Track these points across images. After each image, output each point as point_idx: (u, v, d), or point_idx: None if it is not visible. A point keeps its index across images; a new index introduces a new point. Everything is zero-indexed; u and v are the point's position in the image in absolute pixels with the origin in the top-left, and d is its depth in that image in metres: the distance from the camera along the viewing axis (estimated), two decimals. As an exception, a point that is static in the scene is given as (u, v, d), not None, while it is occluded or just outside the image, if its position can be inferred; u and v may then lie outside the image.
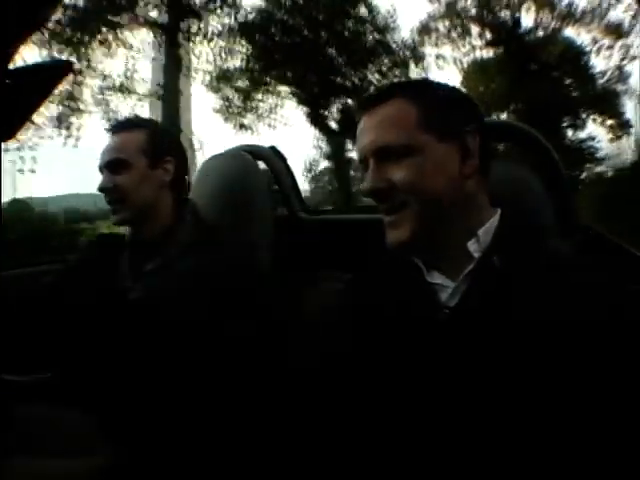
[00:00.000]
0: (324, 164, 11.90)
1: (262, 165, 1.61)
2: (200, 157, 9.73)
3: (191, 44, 9.19)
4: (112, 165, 1.12)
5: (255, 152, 1.55)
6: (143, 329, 1.04)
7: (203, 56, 9.53)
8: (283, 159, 1.74)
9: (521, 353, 0.66)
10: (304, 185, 11.54)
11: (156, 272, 1.06)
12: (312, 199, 10.99)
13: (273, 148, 1.75)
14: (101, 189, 1.12)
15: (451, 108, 0.77)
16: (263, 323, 1.06)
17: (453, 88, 0.82)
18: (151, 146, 1.14)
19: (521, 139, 1.18)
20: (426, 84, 0.82)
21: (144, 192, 1.12)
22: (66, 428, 1.10)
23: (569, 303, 0.67)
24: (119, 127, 1.17)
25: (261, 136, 10.48)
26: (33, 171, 8.24)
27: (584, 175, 10.44)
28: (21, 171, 8.01)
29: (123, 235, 1.21)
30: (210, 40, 9.28)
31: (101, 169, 1.14)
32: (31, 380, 1.29)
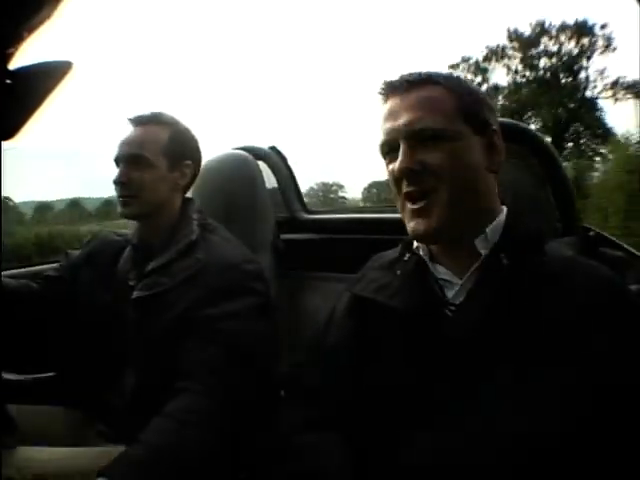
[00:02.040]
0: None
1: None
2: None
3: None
4: (131, 160, 1.10)
5: (255, 152, 1.55)
6: (146, 327, 1.03)
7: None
8: (283, 159, 1.74)
9: (526, 353, 0.66)
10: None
11: (159, 271, 1.06)
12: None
13: (273, 148, 1.75)
14: (116, 182, 1.10)
15: (482, 105, 0.78)
16: (264, 319, 1.06)
17: (477, 87, 0.82)
18: (172, 147, 1.13)
19: (523, 139, 1.18)
20: (459, 77, 0.81)
21: (158, 192, 1.11)
22: (66, 427, 1.10)
23: (574, 303, 0.67)
24: (142, 120, 1.14)
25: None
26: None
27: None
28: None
29: (125, 233, 1.21)
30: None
31: (117, 161, 1.12)
32: (31, 380, 1.29)
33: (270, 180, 1.65)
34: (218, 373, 0.95)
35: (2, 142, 0.50)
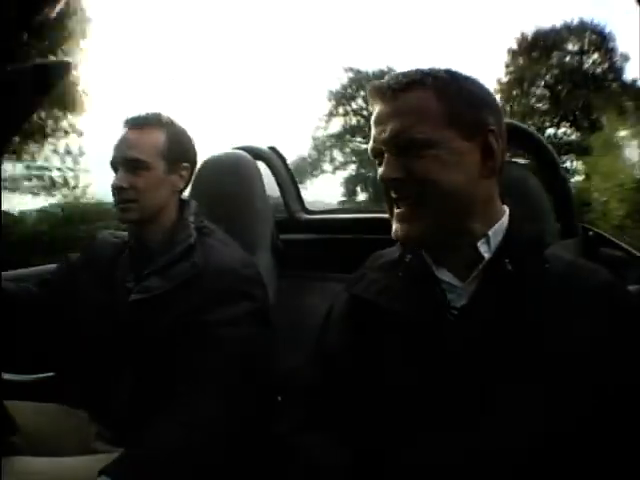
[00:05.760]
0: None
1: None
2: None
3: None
4: (129, 164, 1.08)
5: (255, 152, 1.55)
6: (144, 330, 1.03)
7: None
8: (283, 159, 1.74)
9: (528, 356, 0.66)
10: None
11: (158, 273, 1.06)
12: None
13: (273, 148, 1.75)
14: (115, 187, 1.09)
15: (476, 104, 0.74)
16: (262, 323, 1.06)
17: (479, 83, 0.76)
18: (170, 150, 1.12)
19: (522, 140, 1.18)
20: (452, 75, 0.75)
21: (157, 196, 1.10)
22: (66, 428, 1.10)
23: (575, 307, 0.67)
24: (139, 122, 1.12)
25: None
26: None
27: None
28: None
29: (124, 235, 1.20)
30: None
31: (115, 165, 1.10)
32: (31, 380, 1.29)
33: (269, 180, 1.65)
34: (217, 377, 0.95)
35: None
